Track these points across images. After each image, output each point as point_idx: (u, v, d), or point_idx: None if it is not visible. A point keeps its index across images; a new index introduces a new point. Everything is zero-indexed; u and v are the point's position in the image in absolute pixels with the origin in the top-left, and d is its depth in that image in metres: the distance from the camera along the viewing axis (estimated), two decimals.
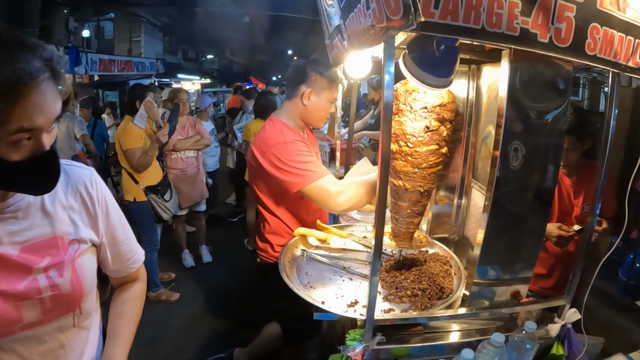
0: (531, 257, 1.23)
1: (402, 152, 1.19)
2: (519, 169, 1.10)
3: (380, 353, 1.15)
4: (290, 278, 1.36)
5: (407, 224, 1.32)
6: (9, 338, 0.83)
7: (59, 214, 0.89)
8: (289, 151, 1.60)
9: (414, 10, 0.73)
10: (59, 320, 0.90)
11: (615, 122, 1.11)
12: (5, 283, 0.80)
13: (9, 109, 0.68)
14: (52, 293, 0.85)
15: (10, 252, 0.81)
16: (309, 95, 1.73)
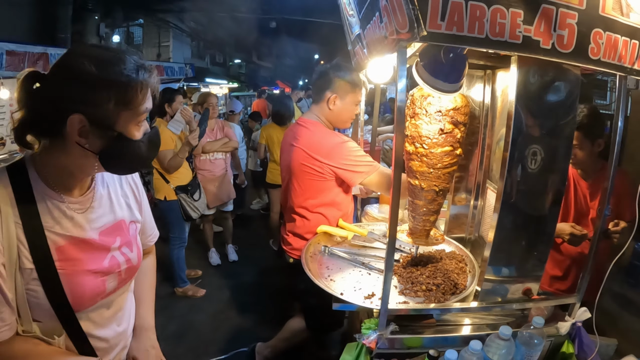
0: (542, 255, 1.27)
1: (418, 153, 1.27)
2: (528, 171, 1.16)
3: (394, 342, 1.22)
4: (311, 271, 1.45)
5: (424, 221, 1.39)
6: (89, 309, 0.98)
7: (120, 201, 1.07)
8: (349, 149, 1.77)
9: (417, 25, 0.82)
10: (124, 287, 1.09)
11: (623, 124, 1.15)
12: (94, 263, 0.97)
13: (140, 96, 0.87)
14: (127, 266, 1.05)
15: (93, 237, 0.97)
16: (335, 100, 1.86)
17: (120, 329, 1.10)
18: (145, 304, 1.23)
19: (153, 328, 1.22)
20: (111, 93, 0.83)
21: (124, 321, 1.12)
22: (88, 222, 0.97)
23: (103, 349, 1.04)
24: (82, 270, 0.94)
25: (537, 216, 1.22)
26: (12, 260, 0.85)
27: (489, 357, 1.11)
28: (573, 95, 1.15)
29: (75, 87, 0.82)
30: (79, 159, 0.89)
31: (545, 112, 1.14)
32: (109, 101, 0.83)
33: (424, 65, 1.10)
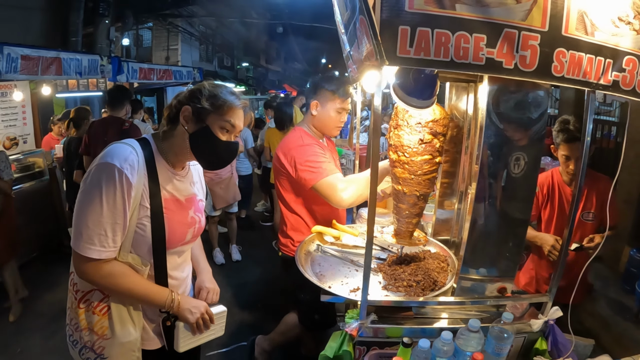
0: (514, 256, 1.39)
1: (400, 161, 1.40)
2: (498, 177, 1.28)
3: (377, 332, 1.34)
4: (304, 268, 1.58)
5: (407, 223, 1.51)
6: (172, 250, 1.33)
7: (195, 184, 1.45)
8: (305, 152, 1.89)
9: (379, 57, 0.95)
10: (192, 243, 1.46)
11: (590, 138, 1.26)
12: (183, 216, 1.35)
13: (226, 108, 1.26)
14: (198, 225, 1.42)
15: (182, 199, 1.35)
16: (316, 107, 2.02)
17: (183, 274, 1.45)
18: (202, 258, 1.62)
19: (211, 272, 1.59)
20: (209, 100, 1.25)
21: (185, 270, 1.47)
22: (182, 189, 1.35)
23: (171, 286, 1.36)
24: (176, 219, 1.31)
25: (507, 220, 1.34)
26: (136, 199, 1.19)
27: (459, 347, 1.22)
28: (542, 106, 1.27)
29: (192, 94, 1.28)
30: (181, 141, 1.27)
31: (515, 123, 1.26)
32: (206, 104, 1.24)
33: (399, 85, 1.23)
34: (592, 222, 2.16)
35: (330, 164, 1.88)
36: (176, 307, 1.29)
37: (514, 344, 1.39)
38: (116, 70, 6.45)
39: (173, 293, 1.30)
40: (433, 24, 0.98)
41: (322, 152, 1.92)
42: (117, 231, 1.17)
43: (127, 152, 1.20)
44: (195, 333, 1.34)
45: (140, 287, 1.24)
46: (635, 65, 1.18)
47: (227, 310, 1.47)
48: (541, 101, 1.26)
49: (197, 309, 1.32)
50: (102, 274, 1.19)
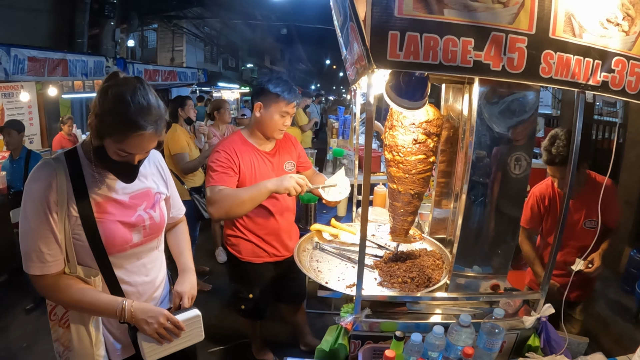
0: (506, 254, 1.42)
1: (395, 161, 1.43)
2: (489, 176, 1.31)
3: (373, 326, 1.38)
4: (302, 264, 1.62)
5: (402, 221, 1.55)
6: (121, 254, 1.28)
7: (148, 177, 1.38)
8: (211, 157, 1.95)
9: (368, 62, 0.99)
10: (151, 242, 1.38)
11: (580, 137, 1.28)
12: (124, 216, 1.27)
13: (122, 140, 1.13)
14: (150, 222, 1.33)
15: (124, 199, 1.29)
16: (259, 108, 1.99)
17: (148, 279, 1.39)
18: (185, 254, 1.55)
19: (193, 271, 1.51)
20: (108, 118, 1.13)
21: (152, 273, 1.41)
22: (123, 187, 1.29)
23: (132, 293, 1.33)
24: (113, 221, 1.24)
25: (498, 219, 1.37)
26: (62, 210, 1.16)
27: (451, 341, 1.26)
28: (532, 108, 1.30)
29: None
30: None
31: (505, 123, 1.29)
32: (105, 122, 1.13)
33: (391, 87, 1.27)
34: (595, 229, 2.03)
35: (224, 175, 1.88)
36: (129, 317, 1.20)
37: (506, 341, 1.43)
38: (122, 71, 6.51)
39: (125, 302, 1.20)
40: (422, 28, 1.02)
41: (224, 162, 1.91)
42: (50, 245, 1.16)
43: (44, 170, 1.17)
44: (161, 342, 1.24)
45: (87, 298, 1.19)
46: (625, 65, 1.20)
47: (226, 309, 1.47)
48: (531, 102, 1.29)
49: (154, 319, 1.21)
50: (48, 288, 1.19)
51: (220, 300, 3.59)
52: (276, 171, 2.04)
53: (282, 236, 2.13)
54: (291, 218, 2.23)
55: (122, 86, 1.12)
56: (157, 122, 1.15)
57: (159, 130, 1.17)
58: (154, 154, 1.45)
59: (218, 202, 1.81)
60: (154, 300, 1.44)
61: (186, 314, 1.30)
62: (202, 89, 11.30)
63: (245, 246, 2.12)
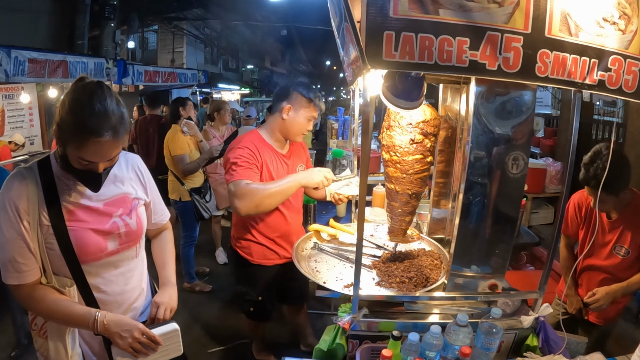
0: (504, 254, 1.42)
1: (392, 161, 1.44)
2: (486, 175, 1.31)
3: (371, 326, 1.38)
4: (300, 264, 1.62)
5: (400, 221, 1.55)
6: (96, 263, 1.25)
7: (125, 182, 1.34)
8: (234, 153, 1.89)
9: (362, 62, 1.00)
10: (128, 250, 1.34)
11: (577, 135, 1.28)
12: (97, 224, 1.24)
13: (80, 147, 1.11)
14: (125, 230, 1.29)
15: (98, 205, 1.26)
16: (289, 111, 1.99)
17: (127, 287, 1.35)
18: (167, 267, 1.50)
19: (174, 285, 1.46)
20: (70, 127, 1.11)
21: (131, 282, 1.37)
22: (94, 195, 1.25)
23: (110, 302, 1.30)
24: (86, 229, 1.22)
25: (495, 218, 1.37)
26: (34, 219, 1.15)
27: (448, 341, 1.26)
28: (529, 107, 1.30)
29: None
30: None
31: (502, 123, 1.29)
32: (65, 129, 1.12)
33: (387, 87, 1.27)
34: (625, 258, 1.94)
35: (248, 171, 1.84)
36: (101, 329, 1.16)
37: (505, 340, 1.42)
38: (122, 72, 6.53)
39: (98, 314, 1.17)
40: (417, 28, 1.02)
41: (248, 158, 1.88)
42: (25, 254, 1.15)
43: (15, 180, 1.16)
44: (136, 357, 1.19)
45: (61, 309, 1.17)
46: (621, 64, 1.20)
47: (229, 308, 1.47)
48: (528, 102, 1.29)
49: (128, 332, 1.16)
50: (25, 298, 1.18)
51: (220, 301, 3.60)
52: (290, 173, 2.02)
53: (292, 238, 2.11)
54: (300, 220, 2.24)
55: (80, 92, 1.11)
56: (115, 128, 1.12)
57: (118, 136, 1.14)
58: (132, 158, 1.41)
59: (247, 195, 1.75)
60: (134, 310, 1.40)
61: (163, 328, 1.26)
62: (202, 90, 11.32)
63: (257, 249, 2.12)
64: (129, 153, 1.43)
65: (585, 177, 1.81)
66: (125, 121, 1.16)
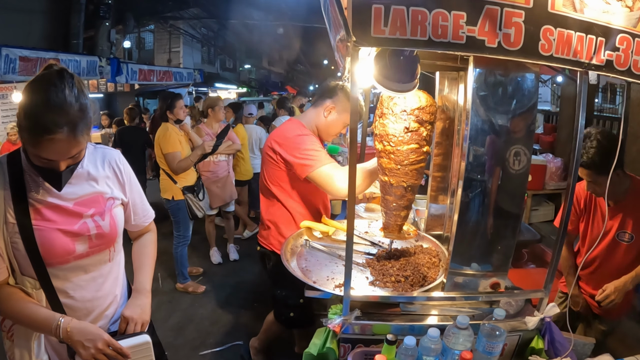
0: (506, 250, 1.32)
1: (386, 151, 1.34)
2: (486, 168, 1.21)
3: (365, 329, 1.29)
4: (289, 262, 1.53)
5: (395, 216, 1.45)
6: (64, 266, 1.17)
7: (99, 180, 1.25)
8: (304, 141, 1.82)
9: (346, 34, 0.91)
10: (100, 254, 1.24)
11: (584, 121, 1.19)
12: (65, 224, 1.16)
13: (34, 145, 1.03)
14: (97, 232, 1.21)
15: (67, 205, 1.17)
16: (331, 110, 1.94)
17: (99, 294, 1.26)
18: (143, 271, 1.39)
19: (148, 292, 1.35)
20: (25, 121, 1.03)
21: (104, 288, 1.28)
22: (67, 192, 1.17)
23: (78, 309, 1.21)
24: (53, 229, 1.14)
25: (498, 213, 1.27)
26: (0, 216, 1.09)
27: (447, 345, 1.16)
28: (532, 92, 1.21)
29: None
30: None
31: (503, 110, 1.20)
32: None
33: (378, 69, 1.17)
34: (629, 244, 1.90)
35: (327, 155, 1.82)
36: (64, 336, 1.09)
37: (508, 343, 1.33)
38: (115, 71, 6.45)
39: (61, 320, 1.10)
40: (408, 1, 0.93)
41: (319, 144, 1.86)
42: None
43: None
44: None
45: (26, 312, 1.11)
46: (630, 43, 1.11)
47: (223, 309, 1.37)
48: (530, 86, 1.20)
49: (91, 342, 1.08)
50: None
51: (214, 302, 3.53)
52: None
53: None
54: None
55: (37, 83, 1.02)
56: (73, 123, 1.02)
57: (76, 133, 1.04)
58: (111, 154, 1.31)
59: (345, 177, 1.65)
60: (105, 318, 1.30)
61: (133, 340, 1.17)
62: (198, 89, 11.24)
63: None
64: (108, 148, 1.34)
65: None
66: (87, 115, 1.06)
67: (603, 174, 1.73)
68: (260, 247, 2.12)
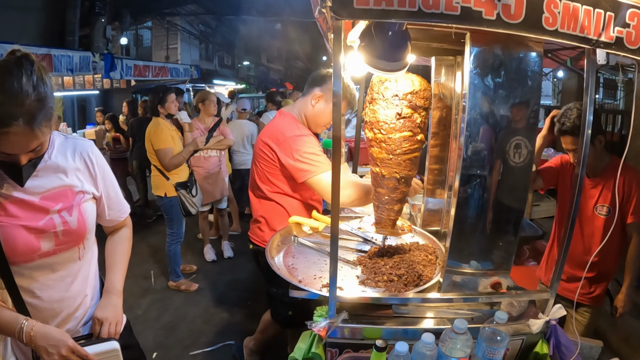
0: (509, 246, 1.22)
1: (377, 140, 1.23)
2: (486, 156, 1.11)
3: (355, 333, 1.18)
4: (274, 260, 1.43)
5: (388, 210, 1.35)
6: (29, 265, 1.10)
7: (69, 173, 1.16)
8: (304, 143, 1.71)
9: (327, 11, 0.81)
10: (68, 252, 1.16)
11: (592, 106, 1.09)
12: (30, 220, 1.08)
13: None
14: (63, 228, 1.12)
15: (33, 199, 1.09)
16: (319, 99, 1.82)
17: (68, 294, 1.18)
18: (115, 270, 1.32)
19: (119, 292, 1.29)
20: None
21: (73, 288, 1.20)
22: (35, 186, 1.09)
23: (45, 310, 1.14)
24: (16, 225, 1.06)
25: (500, 205, 1.17)
26: None
27: (443, 351, 1.06)
28: (536, 73, 1.10)
29: None
30: None
31: (503, 96, 1.09)
32: None
33: (364, 47, 1.06)
34: (606, 217, 1.93)
35: (328, 159, 1.71)
36: (27, 341, 1.03)
37: (510, 348, 1.22)
38: (109, 66, 6.34)
39: (25, 323, 1.03)
40: None
41: (319, 146, 1.76)
42: None
43: None
44: None
45: None
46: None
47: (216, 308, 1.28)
48: (534, 66, 1.09)
49: (55, 348, 1.03)
50: None
51: (207, 301, 3.44)
52: None
53: None
54: None
55: None
56: (30, 114, 0.94)
57: (34, 125, 0.95)
58: (83, 145, 1.22)
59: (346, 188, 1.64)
60: (74, 320, 1.22)
61: (100, 347, 1.11)
62: (195, 86, 11.13)
63: None
64: (80, 139, 1.25)
65: (560, 126, 1.88)
66: (46, 106, 0.97)
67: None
68: (252, 244, 2.01)
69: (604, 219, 1.93)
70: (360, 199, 1.67)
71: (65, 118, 9.31)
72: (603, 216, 1.94)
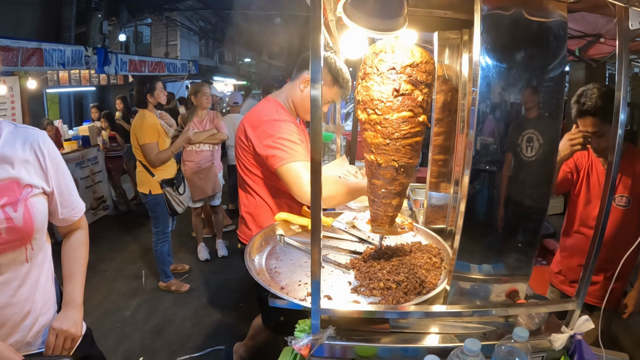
0: (529, 248, 1.02)
1: (371, 121, 1.04)
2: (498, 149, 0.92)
3: (346, 351, 1.00)
4: (255, 262, 1.25)
5: (384, 205, 1.15)
6: None
7: (16, 164, 1.06)
8: (279, 128, 1.54)
9: None
10: (14, 252, 1.05)
11: (627, 83, 0.90)
12: None
13: None
14: (7, 225, 1.01)
15: None
16: (308, 83, 1.64)
17: (14, 300, 1.06)
18: (73, 281, 1.22)
19: (79, 305, 1.20)
20: None
21: (20, 294, 1.08)
22: None
23: None
24: None
25: (518, 200, 0.97)
26: None
27: None
28: (559, 48, 0.91)
29: None
30: None
31: (521, 69, 0.90)
32: None
33: (353, 3, 0.86)
34: (626, 208, 1.78)
35: (304, 150, 1.54)
36: None
37: None
38: (102, 61, 6.16)
39: None
40: None
41: (298, 133, 1.58)
42: None
43: None
44: None
45: None
46: None
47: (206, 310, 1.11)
48: (558, 35, 0.90)
49: None
50: None
51: (197, 302, 3.29)
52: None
53: None
54: None
55: None
56: None
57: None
58: (34, 135, 1.12)
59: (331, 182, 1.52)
60: (22, 330, 1.09)
61: None
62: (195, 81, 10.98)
63: None
64: (32, 129, 1.15)
65: (579, 108, 1.69)
66: None
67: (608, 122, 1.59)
68: (240, 243, 1.84)
69: (623, 211, 1.78)
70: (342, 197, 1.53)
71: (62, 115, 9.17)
72: (622, 207, 1.78)
